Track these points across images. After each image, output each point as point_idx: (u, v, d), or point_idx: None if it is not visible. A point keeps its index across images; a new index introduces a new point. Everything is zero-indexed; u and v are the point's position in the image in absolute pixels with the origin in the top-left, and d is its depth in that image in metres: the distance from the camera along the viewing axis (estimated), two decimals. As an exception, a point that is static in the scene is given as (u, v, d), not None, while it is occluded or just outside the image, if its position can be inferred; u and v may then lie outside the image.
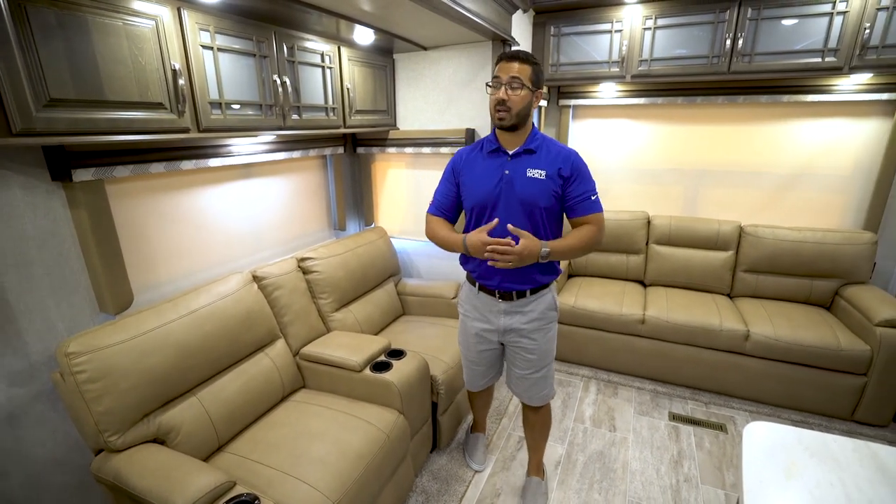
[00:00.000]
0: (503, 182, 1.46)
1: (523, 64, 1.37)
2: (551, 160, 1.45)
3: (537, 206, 1.45)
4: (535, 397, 1.69)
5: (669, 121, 2.98)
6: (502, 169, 1.46)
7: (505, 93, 1.38)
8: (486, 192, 1.47)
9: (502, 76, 1.38)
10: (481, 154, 1.53)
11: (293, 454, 1.44)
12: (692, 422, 2.29)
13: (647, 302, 2.69)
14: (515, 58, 1.38)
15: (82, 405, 1.25)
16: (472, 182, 1.52)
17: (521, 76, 1.37)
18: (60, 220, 1.40)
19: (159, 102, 1.31)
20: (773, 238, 2.63)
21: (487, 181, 1.48)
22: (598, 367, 2.79)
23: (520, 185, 1.45)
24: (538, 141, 1.47)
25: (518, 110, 1.39)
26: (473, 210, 1.52)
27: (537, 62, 1.41)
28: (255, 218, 2.11)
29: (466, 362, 1.80)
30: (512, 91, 1.37)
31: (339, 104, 2.05)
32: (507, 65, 1.38)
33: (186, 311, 1.49)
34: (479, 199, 1.50)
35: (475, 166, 1.52)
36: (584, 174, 1.47)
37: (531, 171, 1.44)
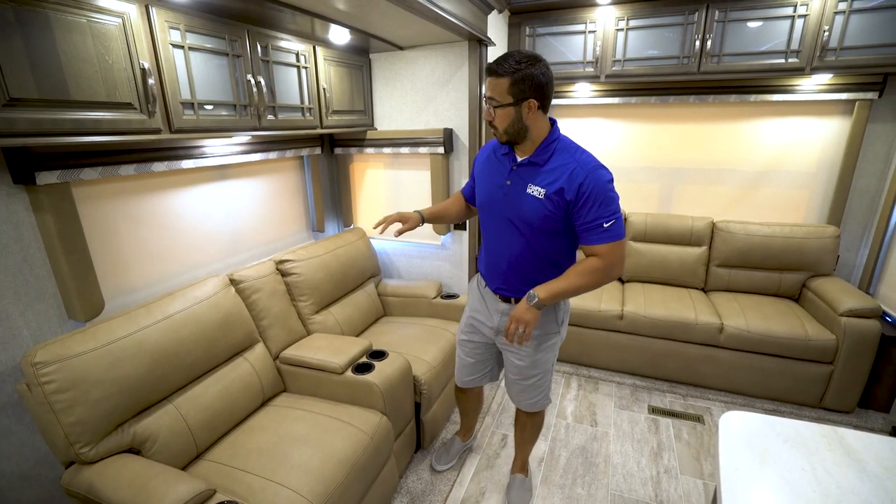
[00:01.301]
0: (503, 191, 1.39)
1: (498, 78, 1.23)
2: (554, 178, 1.29)
3: (530, 226, 1.35)
4: (524, 403, 1.66)
5: (643, 120, 3.05)
6: (506, 178, 1.39)
7: (489, 113, 1.30)
8: (488, 196, 1.44)
9: (487, 92, 1.28)
10: (495, 154, 1.45)
11: (275, 459, 1.41)
12: (671, 414, 2.35)
13: (625, 298, 2.74)
14: (490, 72, 1.25)
15: (51, 417, 1.20)
16: (481, 182, 1.49)
17: (494, 95, 1.25)
18: (23, 225, 1.34)
19: (128, 102, 1.28)
20: (744, 233, 2.71)
21: (491, 185, 1.43)
22: (579, 364, 2.83)
23: (516, 200, 1.35)
24: (549, 153, 1.32)
25: (505, 128, 1.28)
26: (481, 208, 1.51)
27: (517, 69, 1.21)
28: (231, 220, 2.07)
29: (458, 351, 1.77)
30: (492, 109, 1.28)
31: (316, 104, 2.03)
32: (487, 80, 1.28)
33: (161, 317, 1.45)
34: (482, 200, 1.48)
35: (488, 166, 1.47)
36: (596, 197, 1.26)
37: (531, 188, 1.33)
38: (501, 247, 1.44)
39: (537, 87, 1.23)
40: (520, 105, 1.24)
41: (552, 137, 1.33)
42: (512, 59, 1.22)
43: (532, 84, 1.23)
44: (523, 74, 1.21)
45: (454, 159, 2.44)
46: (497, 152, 1.43)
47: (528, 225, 1.35)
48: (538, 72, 1.22)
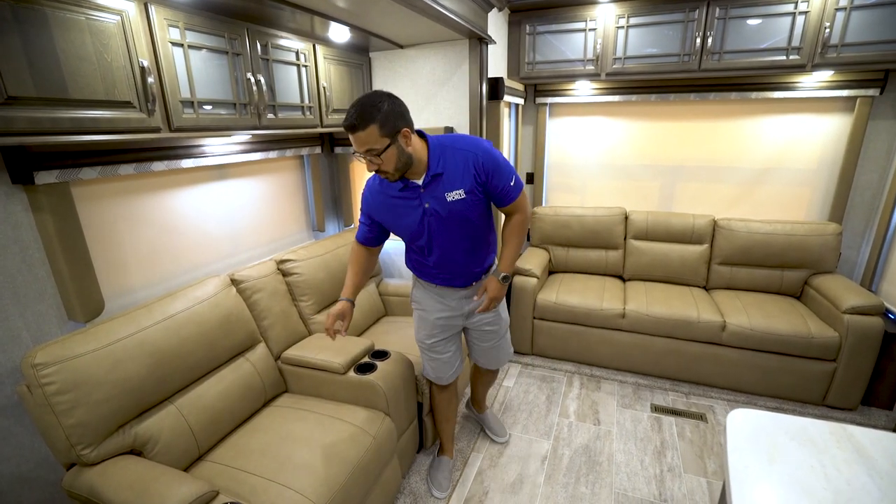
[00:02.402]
0: (427, 216, 1.41)
1: (364, 130, 1.21)
2: (462, 173, 1.37)
3: (470, 222, 1.44)
4: (502, 360, 1.85)
5: (644, 118, 3.04)
6: (421, 203, 1.40)
7: (370, 164, 1.29)
8: (414, 229, 1.45)
9: (358, 150, 1.27)
10: (391, 193, 1.43)
11: (277, 460, 1.40)
12: (673, 412, 2.34)
13: (627, 296, 2.74)
14: (354, 128, 1.22)
15: (52, 418, 1.19)
16: (394, 221, 1.49)
17: (371, 146, 1.24)
18: (22, 226, 1.33)
19: (127, 101, 1.26)
20: (746, 231, 2.71)
21: (410, 219, 1.44)
22: (581, 362, 2.82)
23: (446, 213, 1.40)
24: (440, 160, 1.37)
25: (394, 166, 1.30)
26: (411, 242, 1.53)
27: (377, 111, 1.21)
28: (231, 220, 2.05)
29: (431, 356, 1.74)
30: (376, 159, 1.27)
31: (316, 103, 2.02)
32: (353, 137, 1.25)
33: (162, 317, 1.44)
34: (410, 236, 1.50)
35: (390, 206, 1.45)
36: (498, 166, 1.39)
37: (450, 195, 1.38)
38: (450, 251, 1.50)
39: (400, 115, 1.27)
40: (396, 140, 1.26)
41: (433, 147, 1.38)
42: (366, 106, 1.22)
43: (396, 116, 1.26)
44: (385, 113, 1.23)
45: (455, 158, 2.43)
46: (390, 191, 1.43)
47: (467, 222, 1.44)
48: (394, 104, 1.26)
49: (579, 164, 3.30)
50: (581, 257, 3.14)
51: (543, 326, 2.82)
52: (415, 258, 1.61)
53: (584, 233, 3.07)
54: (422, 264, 1.59)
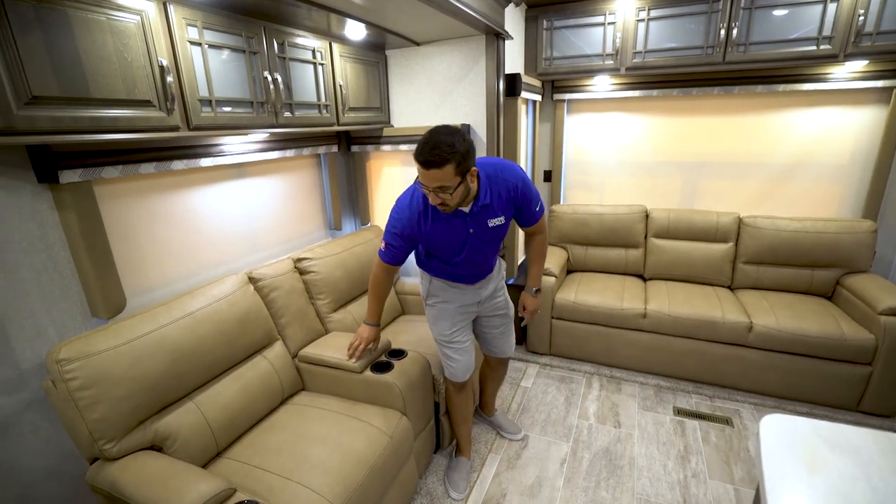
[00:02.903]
0: (470, 238, 1.51)
1: (440, 168, 1.25)
2: (504, 203, 1.48)
3: (500, 238, 1.60)
4: (512, 346, 1.93)
5: (665, 113, 2.96)
6: (466, 228, 1.49)
7: (437, 197, 1.33)
8: (454, 249, 1.55)
9: (428, 184, 1.31)
10: (439, 217, 1.46)
11: (294, 458, 1.40)
12: (697, 416, 2.27)
13: (648, 296, 2.67)
14: (431, 164, 1.24)
15: (75, 413, 1.21)
16: (437, 244, 1.55)
17: (444, 183, 1.28)
18: (48, 224, 1.36)
19: (147, 100, 1.28)
20: (773, 229, 2.61)
21: (454, 240, 1.52)
22: (601, 363, 2.76)
23: (487, 235, 1.53)
24: (487, 189, 1.44)
25: (457, 202, 1.37)
26: (442, 259, 1.61)
27: (454, 151, 1.24)
28: (249, 218, 2.07)
29: (454, 348, 1.74)
30: (444, 195, 1.32)
31: (332, 101, 2.02)
32: (426, 173, 1.27)
33: (181, 315, 1.45)
34: (448, 254, 1.58)
35: (435, 230, 1.49)
36: (530, 193, 1.53)
37: (492, 221, 1.50)
38: (477, 261, 1.62)
39: (472, 155, 1.32)
40: (466, 179, 1.32)
41: (482, 179, 1.43)
42: (443, 145, 1.24)
43: (469, 156, 1.30)
44: (461, 154, 1.26)
45: (472, 155, 2.40)
46: (438, 217, 1.47)
47: (498, 238, 1.59)
48: (467, 143, 1.29)
49: (598, 161, 3.23)
50: (600, 256, 3.07)
51: (562, 326, 2.77)
52: (440, 265, 1.65)
53: (604, 231, 3.01)
54: (448, 270, 1.66)
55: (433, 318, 1.77)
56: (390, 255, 1.57)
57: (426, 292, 1.76)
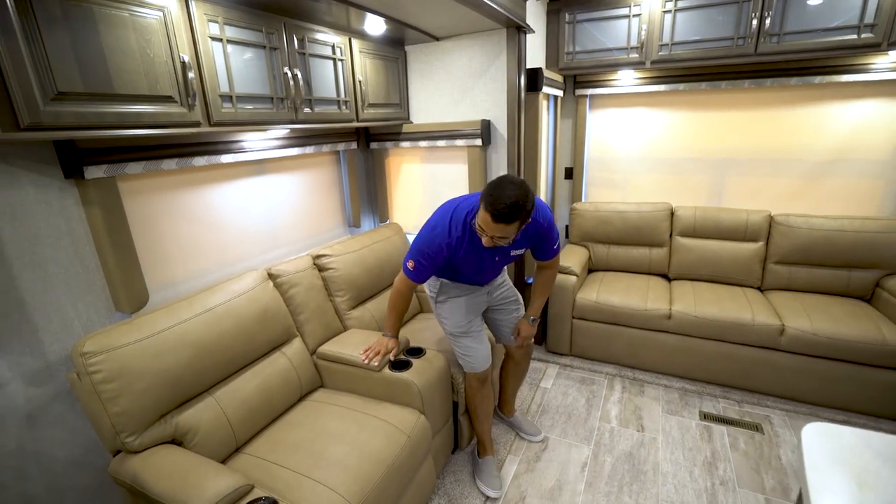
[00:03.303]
0: (495, 263, 1.66)
1: (511, 224, 1.33)
2: (530, 237, 1.60)
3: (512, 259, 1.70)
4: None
5: (692, 108, 2.87)
6: (493, 256, 1.61)
7: (492, 241, 1.42)
8: (475, 269, 1.65)
9: (490, 233, 1.38)
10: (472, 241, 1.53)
11: (312, 456, 1.40)
12: (725, 421, 2.19)
13: (673, 296, 2.59)
14: (507, 218, 1.31)
15: (98, 406, 1.23)
16: (467, 264, 1.62)
17: (507, 235, 1.38)
18: (74, 219, 1.38)
19: (169, 96, 1.28)
20: (807, 227, 2.50)
21: (479, 264, 1.62)
22: (623, 365, 2.69)
23: (505, 260, 1.68)
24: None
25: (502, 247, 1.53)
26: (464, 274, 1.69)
27: (526, 210, 1.33)
28: (269, 215, 2.08)
29: (471, 338, 1.75)
30: (502, 241, 1.42)
31: (352, 97, 2.01)
32: (494, 224, 1.34)
33: (201, 310, 1.46)
34: (473, 272, 1.67)
35: (468, 253, 1.56)
36: (552, 231, 1.63)
37: (515, 251, 1.65)
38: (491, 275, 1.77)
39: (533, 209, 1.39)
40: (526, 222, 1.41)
41: None
42: (519, 208, 1.31)
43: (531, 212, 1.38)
44: (529, 212, 1.36)
45: (492, 152, 2.37)
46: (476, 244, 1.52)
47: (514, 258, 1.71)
48: (531, 198, 1.35)
49: (621, 157, 3.15)
50: (623, 255, 3.00)
51: (583, 326, 2.71)
52: (452, 272, 1.72)
53: (627, 229, 2.93)
54: (459, 277, 1.74)
55: (448, 311, 1.77)
56: (418, 275, 1.60)
57: (436, 290, 1.78)
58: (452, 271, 1.70)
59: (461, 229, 1.51)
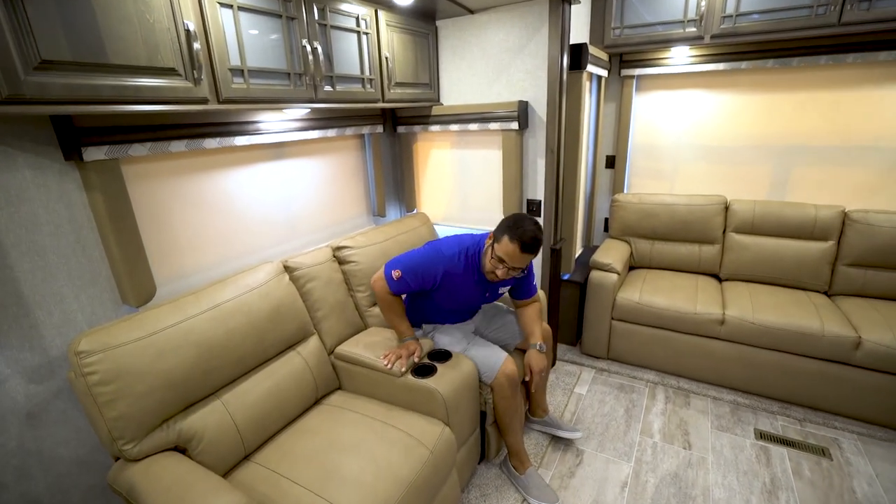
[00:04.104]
0: (482, 297, 1.77)
1: (534, 254, 1.50)
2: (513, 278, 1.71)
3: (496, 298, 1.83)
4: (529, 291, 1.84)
5: (755, 89, 2.56)
6: (484, 292, 1.73)
7: (507, 273, 1.53)
8: (466, 301, 1.77)
9: (513, 264, 1.50)
10: (470, 280, 1.65)
11: (324, 470, 1.26)
12: (785, 442, 1.95)
13: (727, 299, 2.33)
14: (531, 250, 1.47)
15: (94, 409, 1.13)
16: (455, 293, 1.68)
17: (524, 265, 1.55)
18: (76, 204, 1.28)
19: (171, 68, 1.15)
20: (889, 226, 2.19)
21: (469, 296, 1.73)
22: (666, 372, 2.47)
23: (492, 297, 1.80)
24: None
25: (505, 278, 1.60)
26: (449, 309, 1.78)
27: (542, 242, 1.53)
28: (287, 203, 1.95)
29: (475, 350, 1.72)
30: (514, 272, 1.55)
31: (377, 75, 1.84)
32: (521, 255, 1.47)
33: (209, 306, 1.34)
34: (460, 303, 1.77)
35: (461, 283, 1.65)
36: (532, 271, 1.78)
37: (502, 289, 1.77)
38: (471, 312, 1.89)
39: None
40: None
41: None
42: (539, 236, 1.49)
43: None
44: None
45: (529, 136, 2.16)
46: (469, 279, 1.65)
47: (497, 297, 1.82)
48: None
49: (670, 145, 2.88)
50: (669, 252, 2.75)
51: (623, 329, 2.50)
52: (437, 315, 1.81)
53: (674, 224, 2.67)
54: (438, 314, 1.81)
55: (444, 337, 1.79)
56: (399, 287, 1.63)
57: (422, 333, 1.84)
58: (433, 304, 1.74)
59: (464, 263, 1.63)
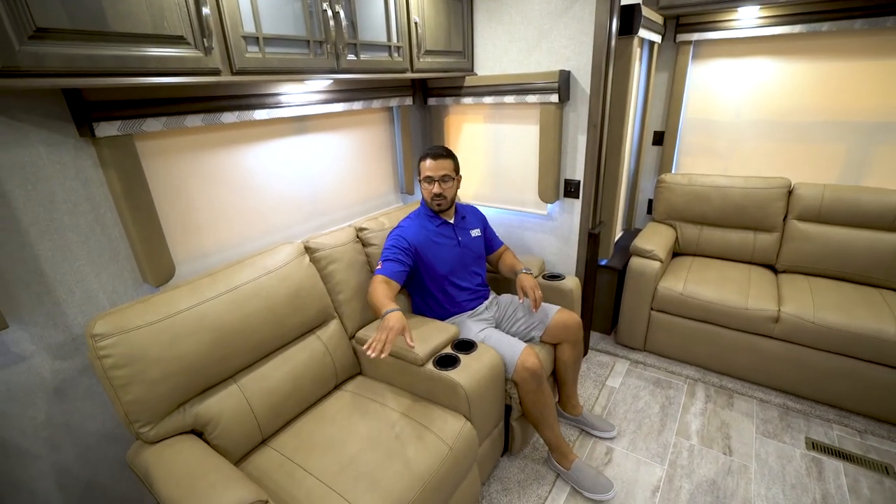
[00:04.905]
0: (460, 247, 1.80)
1: (445, 159, 1.71)
2: (475, 220, 1.92)
3: (482, 256, 1.91)
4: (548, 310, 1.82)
5: (834, 55, 2.24)
6: (456, 236, 1.80)
7: (439, 187, 1.71)
8: (453, 259, 1.77)
9: (434, 174, 1.70)
10: (431, 228, 1.77)
11: (339, 461, 1.23)
12: (842, 455, 1.77)
13: (783, 294, 2.12)
14: (439, 156, 1.71)
15: (111, 392, 1.12)
16: (437, 254, 1.74)
17: (448, 172, 1.72)
18: (92, 182, 1.24)
19: (179, 36, 1.06)
20: None
21: (450, 249, 1.78)
22: (708, 369, 2.30)
23: (471, 246, 1.84)
24: (461, 209, 1.89)
25: (451, 197, 1.76)
26: (443, 277, 1.75)
27: (451, 153, 1.75)
28: (311, 180, 1.87)
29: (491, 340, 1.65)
30: (445, 185, 1.71)
31: (405, 42, 1.70)
32: (435, 163, 1.70)
33: (226, 289, 1.30)
34: (450, 266, 1.76)
35: (433, 238, 1.75)
36: (489, 227, 2.00)
37: (473, 232, 1.87)
38: (472, 278, 1.84)
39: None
40: (457, 177, 1.78)
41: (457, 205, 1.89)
42: (445, 148, 1.76)
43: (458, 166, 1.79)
44: (455, 158, 1.77)
45: (570, 110, 1.97)
46: (428, 227, 1.77)
47: (482, 254, 1.91)
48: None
49: (727, 121, 2.60)
50: (718, 239, 2.52)
51: (663, 320, 2.33)
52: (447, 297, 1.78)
53: (727, 208, 2.44)
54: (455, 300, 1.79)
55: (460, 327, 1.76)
56: (386, 266, 1.61)
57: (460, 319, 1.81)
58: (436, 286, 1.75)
59: (419, 218, 1.78)
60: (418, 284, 1.78)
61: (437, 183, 1.70)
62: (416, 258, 1.70)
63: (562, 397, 1.94)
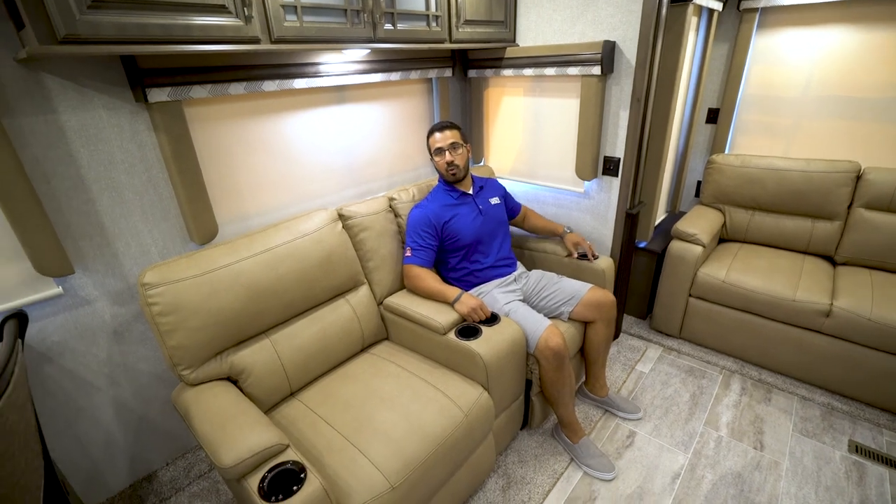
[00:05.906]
0: (482, 215, 1.82)
1: (452, 129, 1.75)
2: (494, 189, 1.96)
3: (505, 223, 1.94)
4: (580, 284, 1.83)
5: (927, 25, 1.99)
6: (476, 206, 1.83)
7: (451, 155, 1.74)
8: (476, 228, 1.79)
9: (443, 145, 1.74)
10: (451, 202, 1.80)
11: (359, 418, 1.30)
12: (888, 462, 1.66)
13: (838, 287, 1.97)
14: (446, 127, 1.75)
15: (158, 336, 1.23)
16: (461, 225, 1.76)
17: (457, 140, 1.75)
18: (147, 145, 1.35)
19: (221, 5, 1.11)
20: None
21: (472, 220, 1.79)
22: (746, 361, 2.20)
23: (493, 214, 1.87)
24: (477, 180, 1.91)
25: (463, 164, 1.78)
26: (468, 247, 1.79)
27: (456, 124, 1.79)
28: (349, 149, 1.92)
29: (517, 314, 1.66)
30: (455, 152, 1.74)
31: (444, 12, 1.68)
32: (443, 134, 1.74)
33: (261, 249, 1.39)
34: (473, 237, 1.78)
35: (455, 212, 1.78)
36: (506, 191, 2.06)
37: (492, 200, 1.90)
38: (499, 248, 1.87)
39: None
40: (466, 145, 1.81)
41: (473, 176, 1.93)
42: (445, 120, 1.80)
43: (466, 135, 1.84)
44: (459, 126, 1.80)
45: (613, 83, 1.89)
46: (448, 201, 1.80)
47: (504, 220, 1.94)
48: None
49: (793, 96, 2.39)
50: (771, 225, 2.36)
51: (701, 307, 2.24)
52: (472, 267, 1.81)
53: (783, 193, 2.27)
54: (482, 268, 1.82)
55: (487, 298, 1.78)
56: (417, 253, 1.70)
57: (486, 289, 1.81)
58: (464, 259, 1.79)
59: (439, 194, 1.81)
60: (445, 257, 1.81)
61: (448, 152, 1.73)
62: (441, 236, 1.74)
63: (588, 377, 1.93)
